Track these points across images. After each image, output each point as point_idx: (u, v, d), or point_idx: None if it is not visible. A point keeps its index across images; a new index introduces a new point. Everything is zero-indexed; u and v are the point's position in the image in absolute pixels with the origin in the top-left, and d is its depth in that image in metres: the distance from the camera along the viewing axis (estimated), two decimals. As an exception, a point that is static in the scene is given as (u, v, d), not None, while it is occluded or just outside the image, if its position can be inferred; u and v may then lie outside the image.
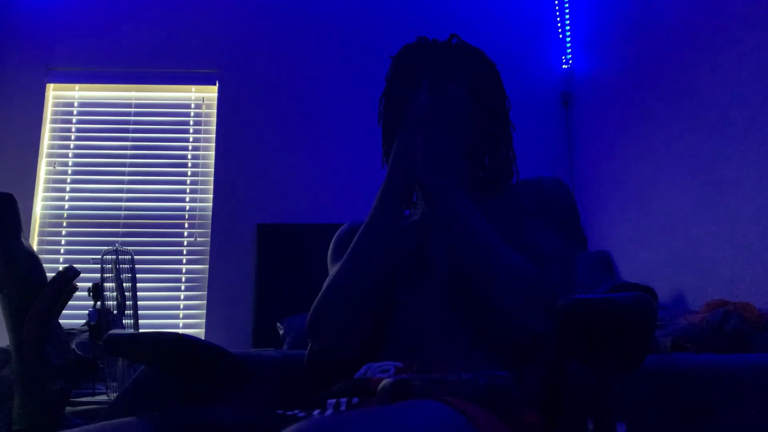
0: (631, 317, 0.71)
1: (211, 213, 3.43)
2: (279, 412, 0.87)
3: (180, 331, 3.30)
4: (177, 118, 3.60)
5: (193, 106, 3.62)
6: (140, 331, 2.20)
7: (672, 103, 2.65)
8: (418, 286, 1.04)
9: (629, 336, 0.73)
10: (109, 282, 2.16)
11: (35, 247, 3.26)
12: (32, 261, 1.93)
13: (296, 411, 0.86)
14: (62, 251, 3.39)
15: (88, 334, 2.17)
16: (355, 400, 0.84)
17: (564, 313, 0.73)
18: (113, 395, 2.05)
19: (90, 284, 2.15)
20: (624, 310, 0.70)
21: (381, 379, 0.77)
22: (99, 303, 2.12)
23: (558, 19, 3.73)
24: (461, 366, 0.87)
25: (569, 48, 3.67)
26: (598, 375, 0.74)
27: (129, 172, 3.49)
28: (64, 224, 3.43)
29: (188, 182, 3.52)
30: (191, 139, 3.58)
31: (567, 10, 3.70)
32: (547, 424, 0.86)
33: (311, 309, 1.02)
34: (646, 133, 2.82)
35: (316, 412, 0.84)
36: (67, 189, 3.47)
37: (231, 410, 0.91)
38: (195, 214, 3.48)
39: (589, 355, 0.76)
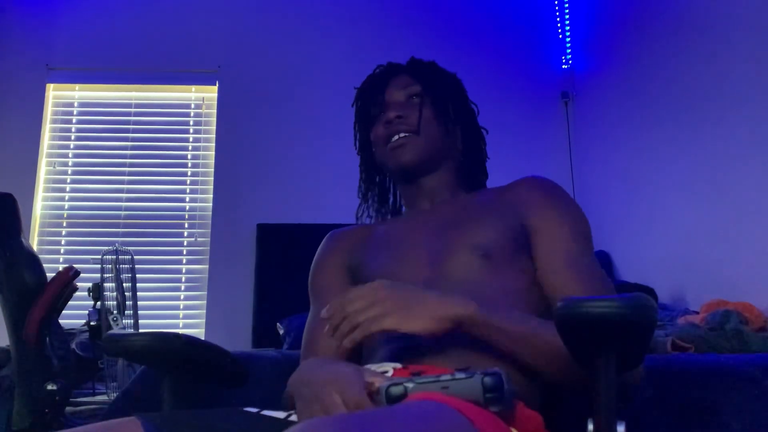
0: (630, 317, 0.70)
1: (211, 213, 3.43)
2: (273, 415, 0.87)
3: (180, 331, 3.30)
4: (177, 118, 3.60)
5: (193, 106, 3.62)
6: (139, 331, 2.20)
7: (672, 102, 2.65)
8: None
9: (628, 336, 0.73)
10: (109, 282, 2.16)
11: (35, 247, 3.26)
12: (32, 261, 1.93)
13: (293, 413, 0.86)
14: (62, 251, 3.39)
15: (88, 334, 2.17)
16: None
17: (560, 314, 0.72)
18: (113, 395, 2.05)
19: (90, 284, 2.15)
20: (622, 311, 0.70)
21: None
22: (99, 303, 2.12)
23: (558, 19, 3.73)
24: (460, 363, 0.87)
25: (569, 48, 3.67)
26: (598, 375, 0.74)
27: (129, 172, 3.49)
28: (64, 224, 3.43)
29: (188, 182, 3.52)
30: (191, 139, 3.58)
31: (567, 10, 3.70)
32: (548, 424, 0.86)
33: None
34: (646, 132, 2.82)
35: None
36: (67, 189, 3.47)
37: (229, 412, 0.91)
38: (195, 214, 3.48)
39: (587, 356, 0.76)
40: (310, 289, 1.20)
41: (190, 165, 3.54)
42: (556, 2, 3.75)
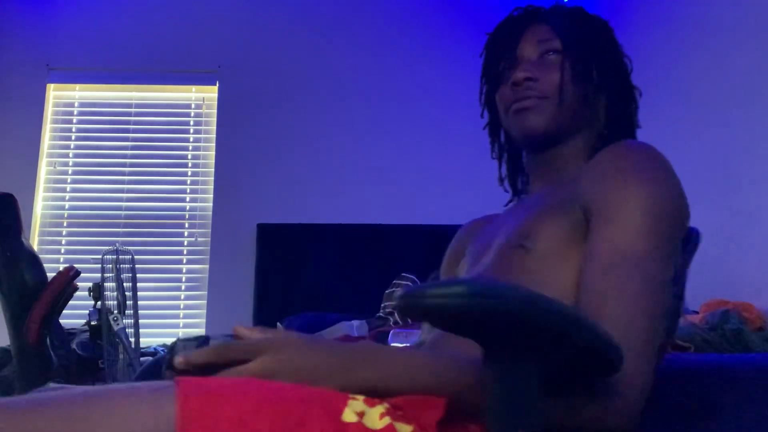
0: (472, 309, 0.55)
1: (211, 213, 3.43)
2: None
3: (180, 331, 3.30)
4: (177, 118, 3.60)
5: (193, 106, 3.62)
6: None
7: (672, 102, 2.65)
8: (469, 271, 1.00)
9: (488, 334, 0.61)
10: (109, 282, 2.16)
11: (35, 247, 3.26)
12: (32, 261, 1.93)
13: None
14: (62, 251, 3.39)
15: (88, 334, 2.17)
16: None
17: (398, 308, 0.59)
18: (113, 395, 2.05)
19: (90, 284, 2.15)
20: (458, 301, 0.55)
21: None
22: (99, 303, 2.12)
23: (558, 19, 3.73)
24: None
25: (569, 48, 3.66)
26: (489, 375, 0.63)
27: (129, 172, 3.49)
28: (64, 224, 3.43)
29: (188, 182, 3.52)
30: (191, 139, 3.58)
31: (567, 10, 3.70)
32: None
33: None
34: (647, 132, 2.82)
35: None
36: (67, 189, 3.47)
37: None
38: (195, 214, 3.48)
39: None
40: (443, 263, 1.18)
41: (190, 165, 3.54)
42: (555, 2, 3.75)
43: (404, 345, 0.87)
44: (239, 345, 0.69)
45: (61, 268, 1.97)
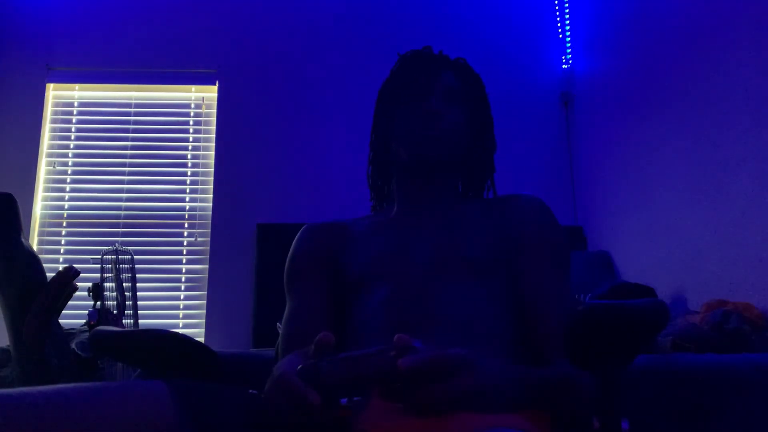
0: (648, 324, 0.69)
1: (211, 213, 3.43)
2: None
3: (180, 331, 3.30)
4: (177, 118, 3.60)
5: (193, 106, 3.62)
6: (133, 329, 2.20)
7: (672, 102, 2.65)
8: (400, 280, 1.04)
9: (639, 341, 0.73)
10: (109, 282, 2.16)
11: (35, 247, 3.26)
12: (32, 261, 1.93)
13: None
14: (62, 251, 3.39)
15: (88, 334, 2.17)
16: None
17: (578, 319, 0.71)
18: (113, 395, 2.05)
19: (90, 284, 2.15)
20: (641, 317, 0.69)
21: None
22: (99, 303, 2.12)
23: (558, 19, 3.73)
24: (449, 343, 0.87)
25: (569, 48, 3.67)
26: (605, 374, 0.73)
27: (129, 172, 3.49)
28: (64, 224, 3.43)
29: (188, 182, 3.52)
30: (191, 139, 3.58)
31: (567, 10, 3.70)
32: (554, 422, 0.86)
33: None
34: (646, 132, 2.82)
35: None
36: (67, 189, 3.47)
37: (242, 390, 0.91)
38: (195, 214, 3.48)
39: (594, 358, 0.75)
40: (286, 282, 1.17)
41: (190, 165, 3.54)
42: (556, 2, 3.75)
43: None
44: (446, 358, 0.70)
45: (60, 268, 1.96)
